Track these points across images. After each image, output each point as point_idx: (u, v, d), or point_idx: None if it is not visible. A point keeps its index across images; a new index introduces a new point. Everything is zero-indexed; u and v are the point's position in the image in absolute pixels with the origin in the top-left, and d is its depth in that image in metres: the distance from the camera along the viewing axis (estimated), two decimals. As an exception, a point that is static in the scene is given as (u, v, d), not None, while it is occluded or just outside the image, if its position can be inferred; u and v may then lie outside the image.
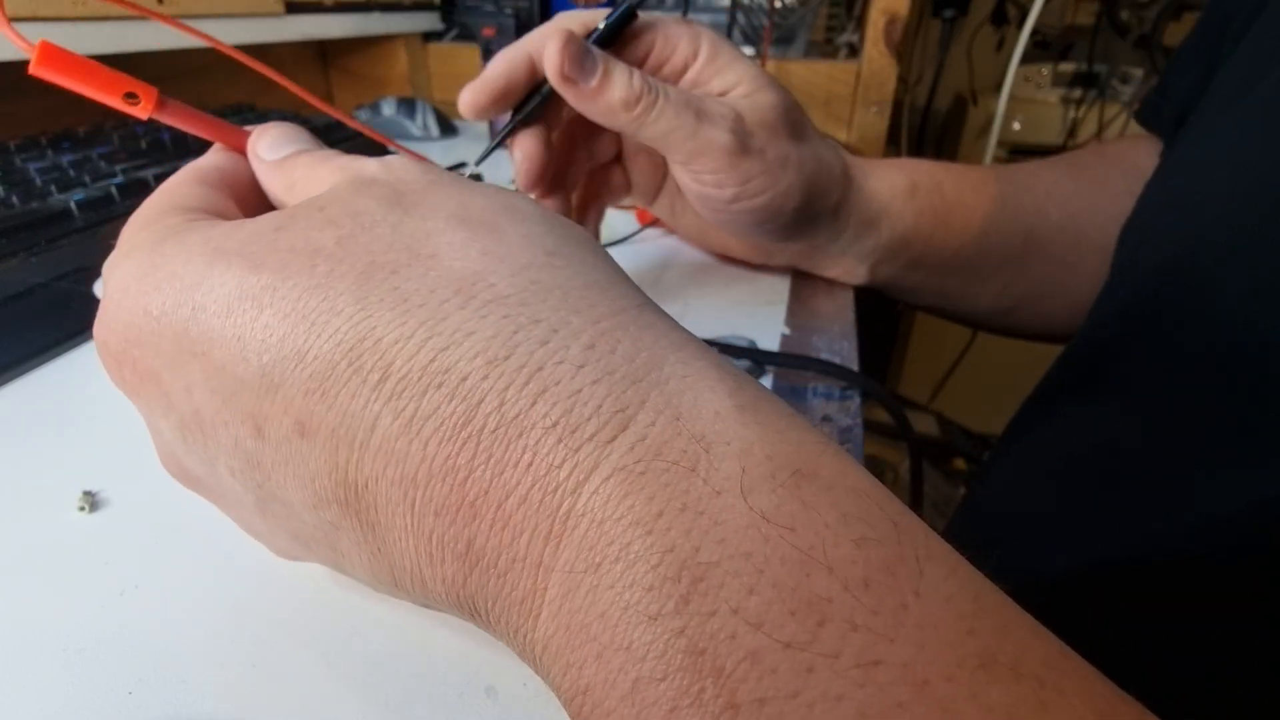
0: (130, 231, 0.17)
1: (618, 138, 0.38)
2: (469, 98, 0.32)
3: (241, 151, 0.20)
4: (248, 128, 0.20)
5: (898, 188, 0.37)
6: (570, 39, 0.29)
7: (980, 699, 0.09)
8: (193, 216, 0.17)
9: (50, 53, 0.16)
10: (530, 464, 0.12)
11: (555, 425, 0.12)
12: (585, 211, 0.39)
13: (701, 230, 0.42)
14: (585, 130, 0.35)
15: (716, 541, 0.11)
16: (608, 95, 0.29)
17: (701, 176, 0.32)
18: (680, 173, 0.33)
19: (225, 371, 0.14)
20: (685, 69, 0.33)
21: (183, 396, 0.15)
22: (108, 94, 0.17)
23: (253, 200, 0.19)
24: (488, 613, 0.13)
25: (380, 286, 0.14)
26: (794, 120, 0.34)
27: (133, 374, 0.16)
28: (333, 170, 0.17)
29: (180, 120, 0.19)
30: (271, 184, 0.19)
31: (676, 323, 0.15)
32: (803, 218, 0.35)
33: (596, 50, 0.30)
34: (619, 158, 0.39)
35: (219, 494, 0.17)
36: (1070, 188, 0.40)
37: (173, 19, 0.21)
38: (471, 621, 0.14)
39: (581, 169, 0.38)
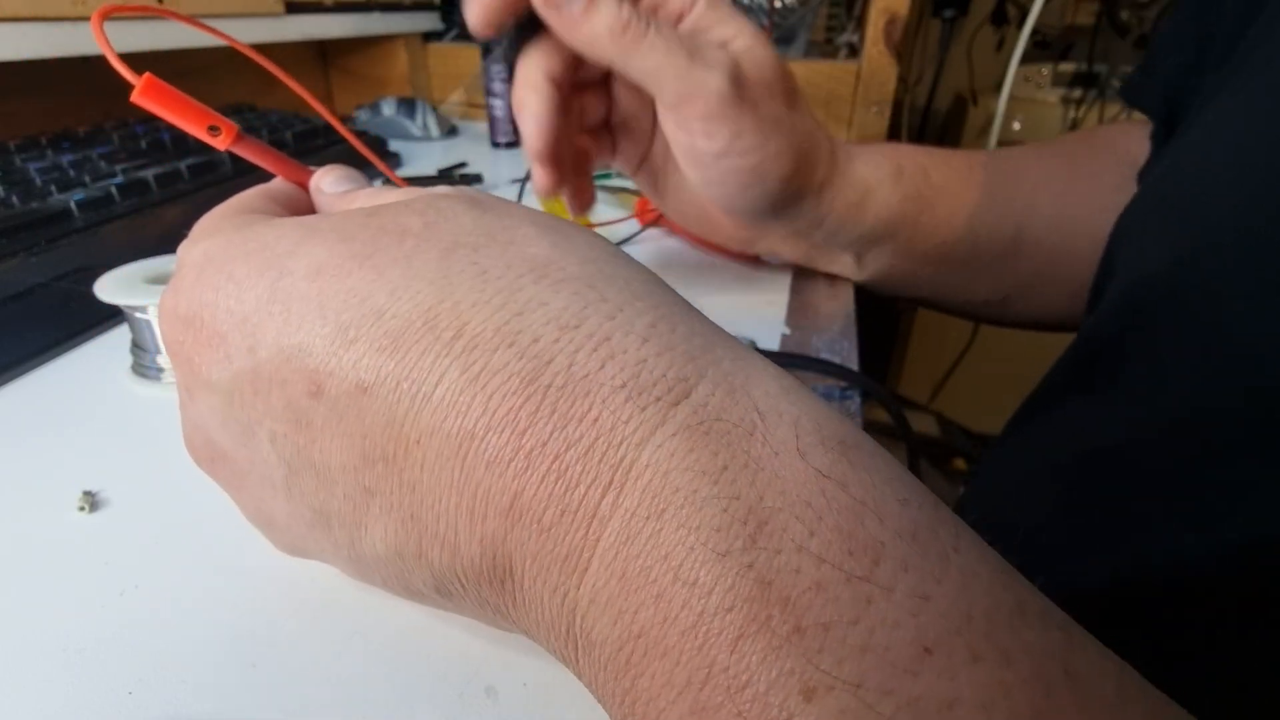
0: (210, 221, 0.18)
1: (607, 99, 0.36)
2: (478, 12, 0.31)
3: (302, 185, 0.22)
4: (310, 167, 0.22)
5: (883, 171, 0.36)
6: None
7: (1019, 636, 0.11)
8: (269, 216, 0.18)
9: (152, 86, 0.18)
10: (597, 418, 0.13)
11: (623, 386, 0.13)
12: (578, 178, 0.37)
13: (684, 208, 0.40)
14: (574, 90, 0.34)
15: (778, 492, 0.12)
16: (593, 21, 0.28)
17: (690, 124, 0.31)
18: (668, 120, 0.32)
19: (301, 329, 0.15)
20: (681, 17, 0.32)
21: (244, 355, 0.15)
22: (194, 125, 0.19)
23: None
24: (523, 573, 0.13)
25: (461, 260, 0.15)
26: (790, 86, 0.33)
27: (196, 335, 0.16)
28: (394, 198, 0.18)
29: (253, 154, 0.20)
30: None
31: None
32: (789, 191, 0.34)
33: None
34: (607, 123, 0.38)
35: (242, 472, 0.17)
36: (1061, 180, 0.39)
37: (192, 18, 0.22)
38: (494, 598, 0.14)
39: (572, 136, 0.36)
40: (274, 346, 0.15)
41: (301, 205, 0.21)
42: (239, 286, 0.16)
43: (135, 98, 0.18)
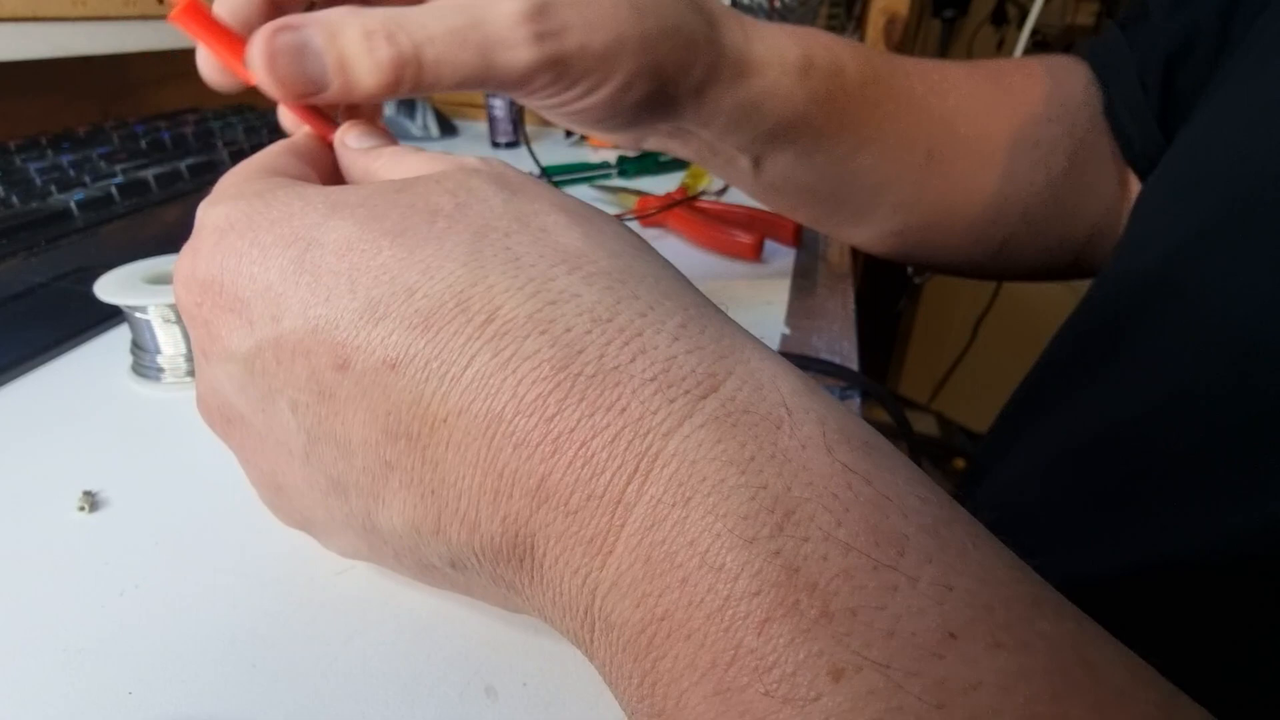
0: (232, 181, 0.18)
1: None
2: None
3: (325, 139, 0.22)
4: (337, 121, 0.22)
5: (788, 61, 0.30)
6: (272, 34, 0.20)
7: (1034, 626, 0.11)
8: (292, 180, 0.18)
9: (192, 8, 0.18)
10: (625, 408, 0.13)
11: (653, 379, 0.13)
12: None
13: (552, 116, 0.34)
14: None
15: (805, 483, 0.12)
16: (356, 89, 0.22)
17: (523, 99, 0.27)
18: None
19: (329, 302, 0.15)
20: None
21: (268, 324, 0.15)
22: (231, 56, 0.18)
23: (333, 183, 0.21)
24: (544, 553, 0.13)
25: (494, 245, 0.15)
26: None
27: (215, 300, 0.16)
28: (420, 162, 0.19)
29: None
30: (354, 169, 0.21)
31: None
32: (656, 104, 0.28)
33: (307, 24, 0.21)
34: None
35: (259, 435, 0.17)
36: (985, 100, 0.36)
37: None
38: (509, 575, 0.14)
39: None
40: (300, 316, 0.15)
41: (325, 162, 0.21)
42: (264, 254, 0.16)
43: (172, 18, 0.17)
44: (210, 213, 0.17)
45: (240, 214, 0.16)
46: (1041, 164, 0.36)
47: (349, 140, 0.21)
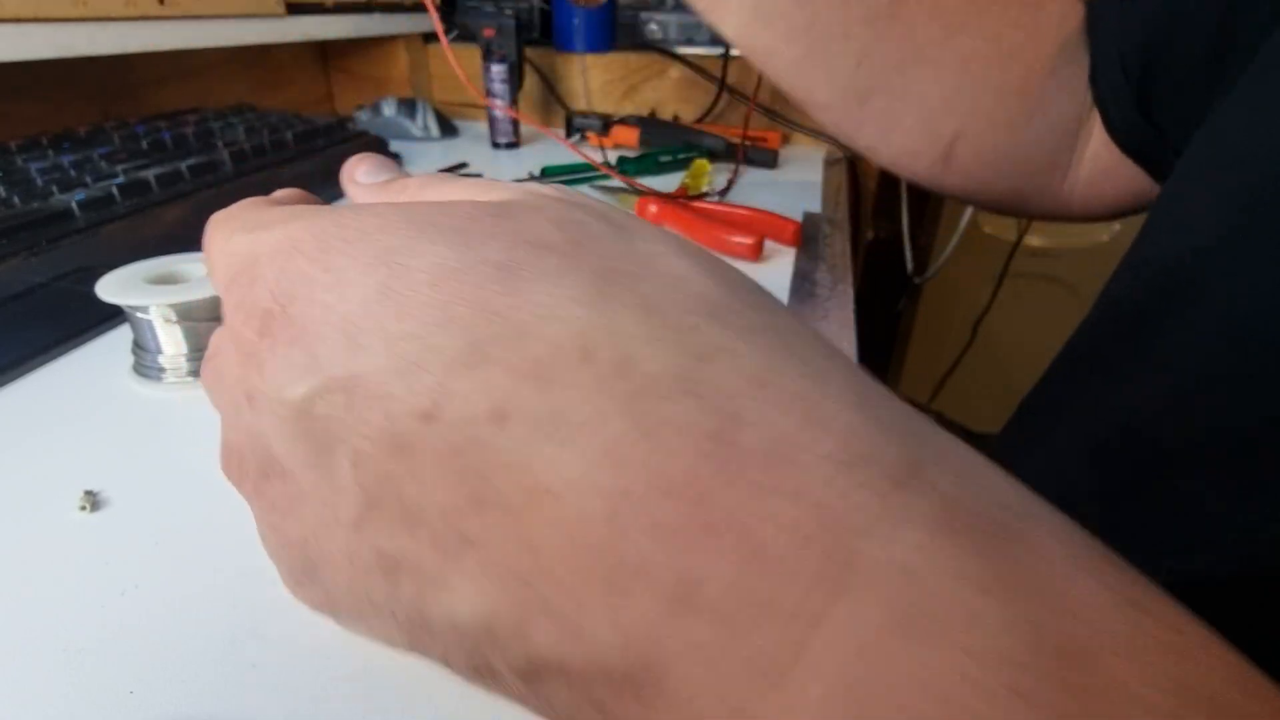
0: (264, 210, 0.16)
1: None
2: None
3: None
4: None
5: None
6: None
7: None
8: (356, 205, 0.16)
9: None
10: (803, 493, 0.10)
11: (838, 459, 0.10)
12: None
13: None
14: None
15: (1079, 619, 0.09)
16: None
17: None
18: None
19: (419, 339, 0.12)
20: None
21: (341, 360, 0.13)
22: None
23: None
24: (674, 673, 0.10)
25: (622, 288, 0.12)
26: None
27: (277, 333, 0.14)
28: (460, 189, 0.17)
29: None
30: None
31: None
32: None
33: None
34: None
35: (299, 495, 0.15)
36: None
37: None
38: (610, 701, 0.11)
39: None
40: (383, 354, 0.12)
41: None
42: (339, 279, 0.13)
43: None
44: (264, 237, 0.15)
45: (306, 234, 0.14)
46: (997, 62, 0.35)
47: (359, 176, 0.19)
